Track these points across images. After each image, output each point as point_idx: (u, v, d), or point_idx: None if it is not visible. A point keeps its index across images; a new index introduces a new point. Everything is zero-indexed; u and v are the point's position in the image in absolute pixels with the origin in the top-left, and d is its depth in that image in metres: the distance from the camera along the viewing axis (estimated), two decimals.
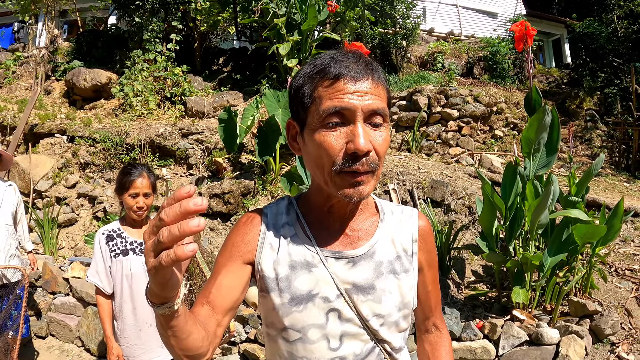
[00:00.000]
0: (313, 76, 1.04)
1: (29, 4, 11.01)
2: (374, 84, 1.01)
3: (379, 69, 1.07)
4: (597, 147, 8.91)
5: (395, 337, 1.14)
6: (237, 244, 1.14)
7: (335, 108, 0.98)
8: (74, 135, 7.57)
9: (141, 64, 9.17)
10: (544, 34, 16.23)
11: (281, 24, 8.37)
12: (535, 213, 3.62)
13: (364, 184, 1.00)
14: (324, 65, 1.02)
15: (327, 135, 1.00)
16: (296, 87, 1.07)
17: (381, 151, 1.02)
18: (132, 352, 2.65)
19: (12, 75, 10.63)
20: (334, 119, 0.99)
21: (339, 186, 1.01)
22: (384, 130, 1.03)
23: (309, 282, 1.09)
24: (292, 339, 1.10)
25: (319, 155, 1.02)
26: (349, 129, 0.99)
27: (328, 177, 1.02)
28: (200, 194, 6.16)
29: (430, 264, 1.25)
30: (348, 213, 1.13)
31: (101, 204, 6.64)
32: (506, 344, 3.53)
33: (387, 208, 1.23)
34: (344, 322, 1.09)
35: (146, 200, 2.68)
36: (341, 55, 1.03)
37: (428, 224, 1.25)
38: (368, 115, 1.00)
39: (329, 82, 1.00)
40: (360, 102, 0.98)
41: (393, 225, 1.20)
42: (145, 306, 2.64)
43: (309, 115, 1.04)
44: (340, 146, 0.99)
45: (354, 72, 1.00)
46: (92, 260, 2.71)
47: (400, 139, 8.15)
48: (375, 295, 1.10)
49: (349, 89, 0.99)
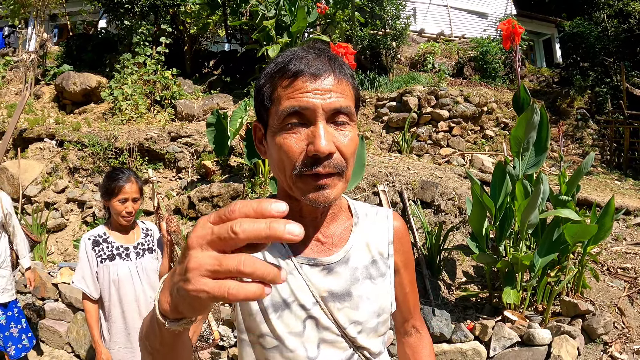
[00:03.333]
0: (273, 75, 0.98)
1: (18, 8, 10.97)
2: (336, 80, 0.95)
3: (343, 64, 1.01)
4: (589, 145, 8.93)
5: (374, 342, 1.10)
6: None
7: (294, 108, 0.92)
8: (63, 140, 7.50)
9: (131, 67, 9.12)
10: (535, 34, 16.27)
11: (270, 26, 8.34)
12: (525, 213, 3.59)
13: (329, 187, 0.94)
14: (284, 63, 0.96)
15: (286, 138, 0.94)
16: (258, 87, 1.01)
17: (347, 152, 0.95)
18: (122, 356, 2.64)
19: (1, 80, 10.58)
20: (293, 120, 0.93)
21: (303, 191, 0.95)
22: (349, 129, 0.97)
23: (285, 289, 1.05)
24: (269, 346, 1.05)
25: (280, 159, 0.96)
26: (309, 130, 0.93)
27: (290, 181, 0.96)
28: (189, 197, 6.10)
29: (407, 265, 1.21)
30: (320, 217, 1.08)
31: (90, 208, 6.57)
32: (497, 345, 3.49)
33: (361, 211, 1.18)
34: (322, 330, 1.05)
35: (135, 205, 2.67)
36: (302, 52, 0.97)
37: (403, 225, 1.21)
38: (331, 114, 0.94)
39: (287, 81, 0.94)
40: (321, 101, 0.92)
41: (367, 229, 1.15)
42: (132, 311, 2.64)
43: (270, 117, 0.98)
44: (301, 149, 0.93)
45: (314, 69, 0.94)
46: (78, 265, 2.69)
47: (391, 140, 8.13)
48: (352, 303, 1.07)
49: (308, 87, 0.93)
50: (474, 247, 3.99)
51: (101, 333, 2.69)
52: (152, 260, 2.74)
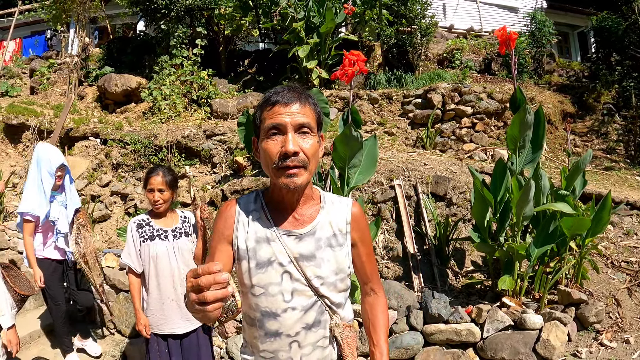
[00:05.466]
0: (262, 105, 1.49)
1: (60, 13, 11.58)
2: (301, 106, 1.44)
3: (308, 96, 1.51)
4: (613, 141, 8.94)
5: (334, 295, 1.56)
6: (221, 229, 1.58)
7: (273, 124, 1.43)
8: (107, 138, 8.10)
9: (168, 68, 9.64)
10: (569, 26, 16.10)
11: (300, 28, 8.70)
12: (518, 206, 3.87)
13: (296, 175, 1.42)
14: (268, 97, 1.47)
15: (268, 143, 1.44)
16: (253, 114, 1.55)
17: (308, 152, 1.43)
18: (156, 322, 3.15)
19: (46, 82, 11.26)
20: (273, 131, 1.43)
21: (279, 178, 1.43)
22: (311, 138, 1.45)
23: (269, 252, 1.51)
24: (257, 294, 1.52)
25: (265, 158, 1.45)
26: (283, 138, 1.42)
27: (272, 172, 1.45)
28: (222, 190, 6.58)
29: (363, 241, 1.66)
30: (295, 202, 1.55)
31: (132, 200, 7.12)
32: (490, 327, 3.79)
33: (328, 199, 1.65)
34: (294, 281, 1.51)
35: (161, 195, 3.15)
36: (281, 89, 1.47)
37: (360, 211, 1.67)
38: (297, 127, 1.42)
39: (269, 107, 1.45)
40: (289, 119, 1.41)
41: (332, 212, 1.61)
42: (167, 283, 3.14)
43: (260, 132, 1.49)
44: (277, 150, 1.42)
45: (285, 99, 1.44)
46: (126, 245, 3.24)
47: (415, 136, 8.37)
48: (316, 262, 1.52)
49: (282, 111, 1.42)
50: (475, 237, 4.29)
51: (142, 303, 3.21)
52: (187, 242, 3.22)
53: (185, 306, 1.18)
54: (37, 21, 14.95)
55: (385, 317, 1.75)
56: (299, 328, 1.52)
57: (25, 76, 12.15)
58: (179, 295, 3.12)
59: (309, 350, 1.55)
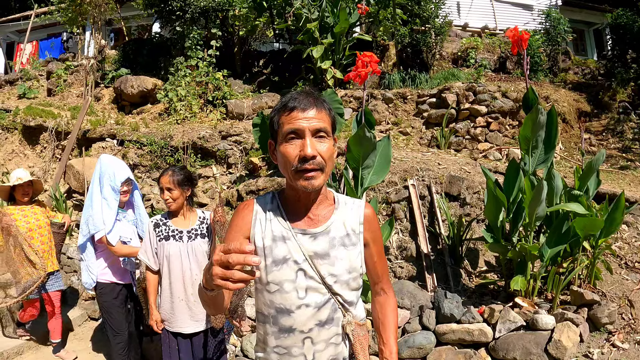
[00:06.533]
0: (279, 110, 1.55)
1: (76, 16, 11.73)
2: (318, 111, 1.51)
3: (323, 100, 1.57)
4: (629, 139, 8.86)
5: (347, 293, 1.62)
6: (239, 224, 1.65)
7: (292, 129, 1.49)
8: (123, 139, 8.23)
9: (184, 70, 9.75)
10: (585, 24, 15.93)
11: (314, 28, 8.74)
12: (531, 206, 3.88)
13: (314, 178, 1.48)
14: (285, 102, 1.53)
15: (287, 147, 1.50)
16: (270, 117, 1.58)
17: (325, 156, 1.49)
18: (167, 318, 3.26)
19: (63, 84, 11.45)
20: (291, 136, 1.49)
21: (297, 180, 1.49)
22: (326, 141, 1.51)
23: (285, 250, 1.57)
24: (272, 290, 1.58)
25: (284, 161, 1.51)
26: (301, 142, 1.48)
27: (291, 174, 1.50)
28: (237, 190, 6.66)
29: (375, 241, 1.72)
30: (311, 202, 1.61)
31: (149, 200, 7.24)
32: (502, 327, 3.81)
33: (342, 200, 1.71)
34: (308, 279, 1.56)
35: (170, 194, 3.24)
36: (297, 94, 1.53)
37: (372, 212, 1.73)
38: (314, 132, 1.48)
39: (287, 113, 1.51)
40: (307, 124, 1.48)
41: (345, 212, 1.67)
42: (178, 283, 3.23)
43: (278, 135, 1.54)
44: (296, 153, 1.48)
45: (303, 105, 1.50)
46: (143, 243, 3.36)
47: (430, 136, 8.38)
48: (329, 260, 1.58)
49: (300, 116, 1.49)
50: (488, 237, 4.31)
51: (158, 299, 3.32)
52: (202, 243, 3.28)
53: (202, 283, 1.28)
54: (53, 24, 15.10)
55: (395, 316, 1.80)
56: (312, 325, 1.57)
57: (43, 78, 12.35)
58: (189, 296, 3.19)
59: (322, 346, 1.60)
